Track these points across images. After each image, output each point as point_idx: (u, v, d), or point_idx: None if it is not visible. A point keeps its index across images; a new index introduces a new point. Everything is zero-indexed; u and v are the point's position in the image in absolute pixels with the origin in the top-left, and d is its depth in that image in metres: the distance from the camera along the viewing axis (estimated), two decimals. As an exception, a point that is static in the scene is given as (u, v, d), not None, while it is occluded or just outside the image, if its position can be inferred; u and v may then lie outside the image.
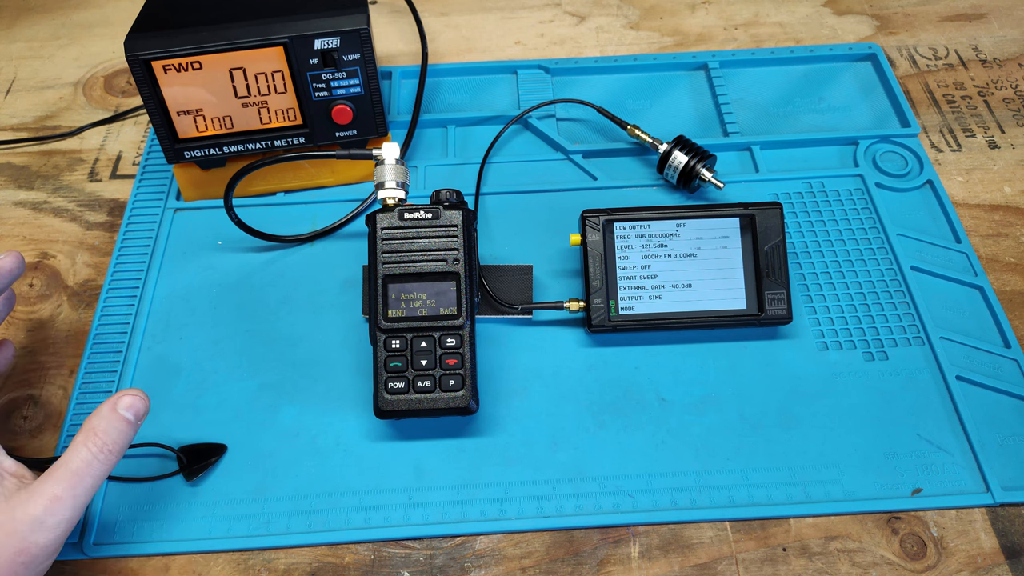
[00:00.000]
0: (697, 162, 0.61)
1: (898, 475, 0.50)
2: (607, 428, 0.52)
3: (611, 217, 0.55)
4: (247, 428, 0.52)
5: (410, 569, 0.47)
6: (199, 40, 0.54)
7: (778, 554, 0.47)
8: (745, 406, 0.53)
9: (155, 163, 0.67)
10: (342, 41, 0.56)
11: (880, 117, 0.69)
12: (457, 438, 0.52)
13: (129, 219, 0.63)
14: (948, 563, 0.47)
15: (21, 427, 0.53)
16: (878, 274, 0.59)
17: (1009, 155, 0.67)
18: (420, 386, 0.49)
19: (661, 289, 0.55)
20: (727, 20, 0.79)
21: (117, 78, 0.76)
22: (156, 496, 0.49)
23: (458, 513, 0.49)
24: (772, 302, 0.54)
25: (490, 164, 0.66)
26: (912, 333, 0.56)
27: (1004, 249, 0.61)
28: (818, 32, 0.78)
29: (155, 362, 0.55)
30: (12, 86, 0.75)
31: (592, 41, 0.77)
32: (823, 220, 0.62)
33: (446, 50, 0.77)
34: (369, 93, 0.59)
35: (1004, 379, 0.53)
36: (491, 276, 0.57)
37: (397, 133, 0.68)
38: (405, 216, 0.51)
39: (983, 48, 0.76)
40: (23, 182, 0.67)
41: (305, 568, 0.47)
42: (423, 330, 0.49)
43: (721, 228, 0.55)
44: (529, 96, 0.71)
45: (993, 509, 0.49)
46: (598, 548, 0.48)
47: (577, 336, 0.56)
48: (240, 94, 0.57)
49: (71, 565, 0.47)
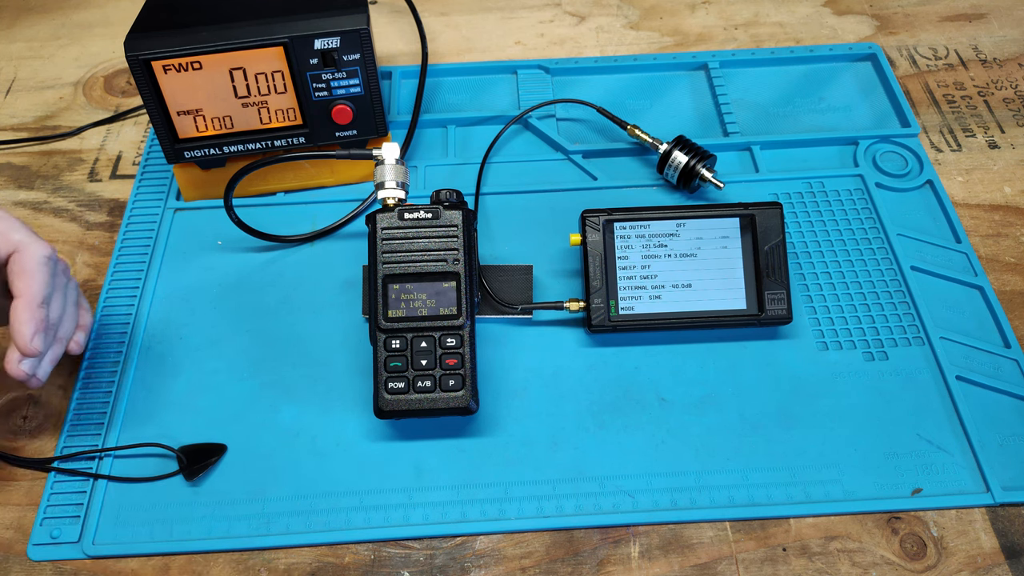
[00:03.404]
0: (697, 162, 0.61)
1: (898, 475, 0.50)
2: (607, 428, 0.52)
3: (611, 217, 0.55)
4: (247, 428, 0.52)
5: (410, 569, 0.47)
6: (199, 40, 0.54)
7: (778, 554, 0.47)
8: (745, 406, 0.53)
9: (155, 163, 0.67)
10: (342, 41, 0.56)
11: (880, 117, 0.69)
12: (457, 438, 0.52)
13: (129, 219, 0.63)
14: (948, 563, 0.47)
15: (21, 427, 0.53)
16: (878, 274, 0.59)
17: (1009, 155, 0.67)
18: (420, 386, 0.49)
19: (661, 289, 0.55)
20: (727, 20, 0.79)
21: (117, 78, 0.76)
22: (156, 496, 0.49)
23: (458, 513, 0.49)
24: (772, 302, 0.54)
25: (490, 164, 0.66)
26: (912, 333, 0.56)
27: (1004, 249, 0.61)
28: (818, 32, 0.78)
29: (155, 362, 0.55)
30: (12, 86, 0.75)
31: (592, 41, 0.77)
32: (823, 220, 0.62)
33: (446, 50, 0.77)
34: (369, 93, 0.59)
35: (1004, 379, 0.53)
36: (491, 276, 0.57)
37: (397, 133, 0.68)
38: (405, 216, 0.51)
39: (983, 48, 0.76)
40: (23, 182, 0.67)
41: (305, 568, 0.47)
42: (423, 330, 0.49)
43: (721, 228, 0.55)
44: (529, 96, 0.71)
45: (993, 509, 0.49)
46: (598, 548, 0.48)
47: (577, 336, 0.56)
48: (240, 94, 0.57)
49: (71, 565, 0.47)
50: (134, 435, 0.52)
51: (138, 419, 0.53)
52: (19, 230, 0.44)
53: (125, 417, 0.53)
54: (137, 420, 0.53)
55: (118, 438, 0.52)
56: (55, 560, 0.47)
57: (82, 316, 0.51)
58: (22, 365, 0.44)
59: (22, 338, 0.43)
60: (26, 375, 0.45)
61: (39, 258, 0.44)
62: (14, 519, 0.49)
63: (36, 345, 0.44)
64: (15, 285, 0.44)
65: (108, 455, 0.51)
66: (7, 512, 0.50)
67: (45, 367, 0.46)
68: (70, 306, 0.48)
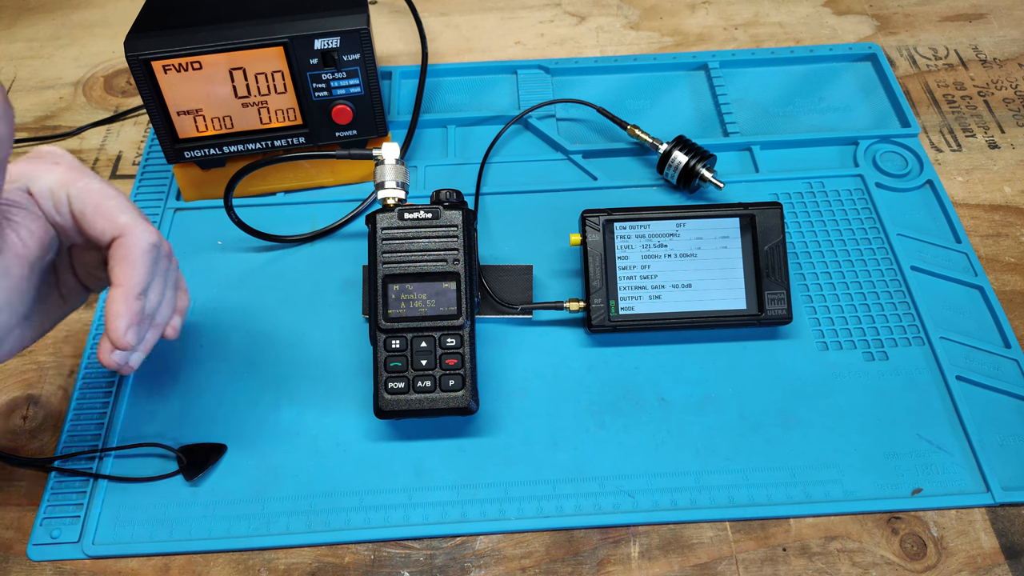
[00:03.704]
0: (697, 162, 0.61)
1: (898, 475, 0.50)
2: (607, 428, 0.52)
3: (611, 217, 0.55)
4: (247, 428, 0.52)
5: (410, 569, 0.47)
6: (199, 40, 0.54)
7: (778, 554, 0.47)
8: (745, 406, 0.53)
9: (155, 163, 0.67)
10: (342, 41, 0.56)
11: (880, 117, 0.69)
12: (457, 438, 0.52)
13: (129, 219, 0.63)
14: (948, 563, 0.47)
15: (21, 427, 0.53)
16: (878, 274, 0.59)
17: (1009, 155, 0.67)
18: (420, 386, 0.49)
19: (661, 289, 0.55)
20: (727, 20, 0.79)
21: (117, 78, 0.76)
22: (156, 496, 0.49)
23: (458, 513, 0.49)
24: (772, 302, 0.54)
25: (490, 164, 0.66)
26: (912, 333, 0.56)
27: (1004, 249, 0.61)
28: (818, 32, 0.78)
29: (155, 362, 0.55)
30: (12, 86, 0.75)
31: (592, 41, 0.77)
32: (823, 220, 0.62)
33: (446, 50, 0.77)
34: (369, 93, 0.59)
35: (1004, 379, 0.53)
36: (491, 276, 0.57)
37: (397, 133, 0.68)
38: (405, 216, 0.51)
39: (983, 48, 0.76)
40: (23, 182, 0.67)
41: (305, 568, 0.47)
42: (423, 330, 0.49)
43: (721, 228, 0.55)
44: (529, 96, 0.71)
45: (993, 509, 0.49)
46: (598, 548, 0.48)
47: (577, 336, 0.56)
48: (240, 94, 0.57)
49: (71, 565, 0.47)
50: (134, 435, 0.52)
51: (138, 419, 0.53)
52: (127, 212, 0.41)
53: (125, 417, 0.53)
54: (137, 420, 0.53)
55: (118, 438, 0.52)
56: (55, 560, 0.47)
57: (180, 298, 0.48)
58: (113, 355, 0.42)
59: (116, 331, 0.41)
60: (117, 365, 0.42)
61: (144, 246, 0.41)
62: (14, 519, 0.49)
63: (129, 339, 0.41)
64: (114, 271, 0.41)
65: (108, 455, 0.51)
66: (7, 512, 0.50)
67: (138, 356, 0.44)
68: (169, 290, 0.45)
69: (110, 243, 0.41)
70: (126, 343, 0.41)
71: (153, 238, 0.41)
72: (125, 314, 0.40)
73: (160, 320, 0.44)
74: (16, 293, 0.38)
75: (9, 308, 0.38)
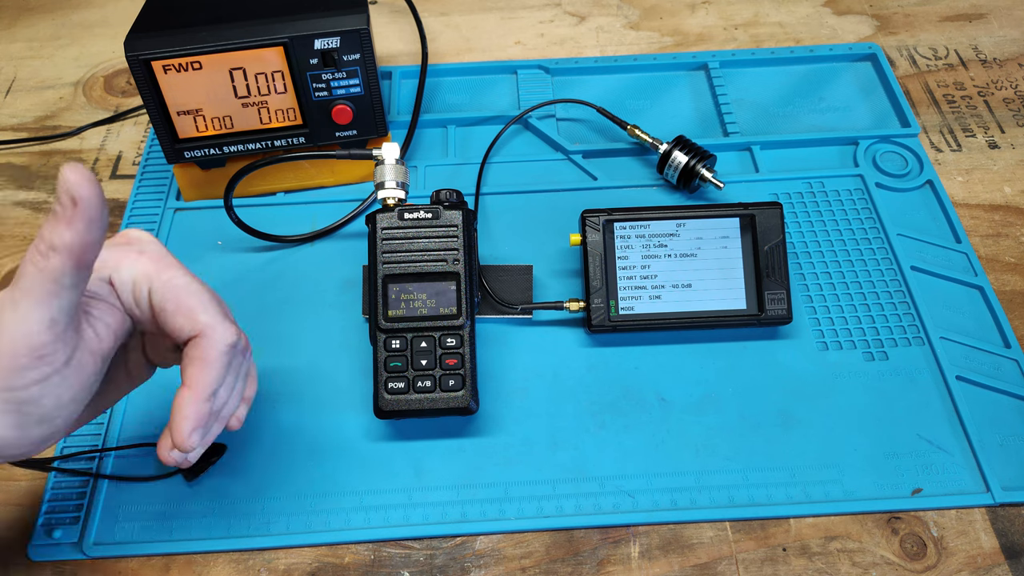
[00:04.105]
0: (697, 162, 0.61)
1: (898, 475, 0.50)
2: (607, 428, 0.52)
3: (611, 217, 0.55)
4: (247, 428, 0.52)
5: (410, 569, 0.47)
6: (199, 40, 0.54)
7: (778, 554, 0.47)
8: (745, 406, 0.53)
9: (155, 163, 0.67)
10: (342, 41, 0.56)
11: (880, 117, 0.69)
12: (457, 438, 0.52)
13: (129, 219, 0.63)
14: (948, 563, 0.47)
15: (21, 427, 0.53)
16: (878, 274, 0.59)
17: (1009, 155, 0.67)
18: (420, 386, 0.49)
19: (661, 289, 0.55)
20: (727, 20, 0.79)
21: (117, 78, 0.76)
22: (156, 496, 0.49)
23: (458, 513, 0.49)
24: (772, 302, 0.54)
25: (490, 164, 0.66)
26: (912, 333, 0.56)
27: (1004, 249, 0.61)
28: (818, 32, 0.78)
29: (155, 362, 0.55)
30: (12, 86, 0.75)
31: (592, 41, 0.77)
32: (823, 220, 0.62)
33: (446, 50, 0.77)
34: (369, 93, 0.59)
35: (1004, 379, 0.53)
36: (491, 276, 0.57)
37: (397, 133, 0.68)
38: (405, 216, 0.51)
39: (983, 48, 0.76)
40: (23, 182, 0.67)
41: (305, 568, 0.47)
42: (423, 330, 0.49)
43: (721, 228, 0.55)
44: (529, 96, 0.71)
45: (993, 509, 0.49)
46: (598, 548, 0.48)
47: (577, 336, 0.56)
48: (240, 94, 0.57)
49: (71, 565, 0.47)
50: (134, 435, 0.52)
51: (138, 419, 0.53)
52: (208, 310, 0.38)
53: (125, 417, 0.53)
54: (137, 420, 0.53)
55: (118, 438, 0.52)
56: (55, 560, 0.47)
57: (248, 386, 0.44)
58: (172, 454, 0.40)
59: (180, 434, 0.39)
60: (176, 463, 0.41)
61: (221, 347, 0.39)
62: (14, 519, 0.49)
63: (193, 442, 0.39)
64: (186, 371, 0.39)
65: (108, 454, 0.51)
66: (7, 512, 0.50)
67: (197, 452, 0.41)
68: (239, 384, 0.42)
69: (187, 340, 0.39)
70: (189, 446, 0.39)
71: (231, 338, 0.39)
72: (191, 417, 0.39)
73: (226, 413, 0.42)
74: (86, 388, 0.36)
75: (76, 403, 0.36)
